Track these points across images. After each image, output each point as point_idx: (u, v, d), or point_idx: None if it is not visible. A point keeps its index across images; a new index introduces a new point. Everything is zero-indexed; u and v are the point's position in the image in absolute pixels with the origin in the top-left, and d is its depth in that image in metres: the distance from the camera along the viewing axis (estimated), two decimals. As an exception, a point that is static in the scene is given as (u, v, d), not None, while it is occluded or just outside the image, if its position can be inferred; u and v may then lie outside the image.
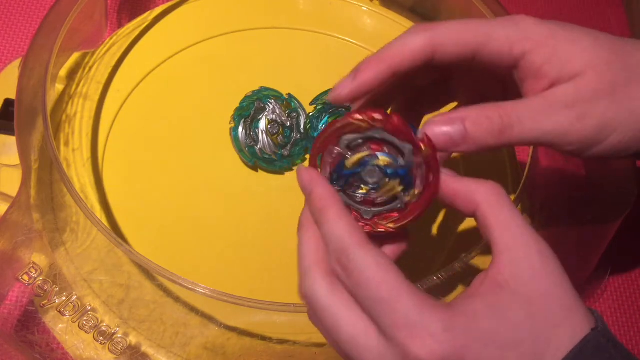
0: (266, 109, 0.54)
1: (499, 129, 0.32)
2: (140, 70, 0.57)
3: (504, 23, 0.34)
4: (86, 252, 0.46)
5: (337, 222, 0.31)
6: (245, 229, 0.52)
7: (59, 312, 0.43)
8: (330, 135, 0.33)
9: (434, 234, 0.53)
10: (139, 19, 0.60)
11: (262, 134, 0.53)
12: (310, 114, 0.55)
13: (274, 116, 0.54)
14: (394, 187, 0.32)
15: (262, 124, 0.53)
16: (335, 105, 0.54)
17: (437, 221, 0.52)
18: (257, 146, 0.53)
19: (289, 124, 0.54)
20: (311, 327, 0.39)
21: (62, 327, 0.44)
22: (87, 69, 0.57)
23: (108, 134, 0.54)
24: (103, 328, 0.44)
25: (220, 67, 0.59)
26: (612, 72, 0.33)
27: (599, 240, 0.52)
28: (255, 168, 0.54)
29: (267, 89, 0.55)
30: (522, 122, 0.32)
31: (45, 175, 0.49)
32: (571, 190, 0.49)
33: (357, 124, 0.32)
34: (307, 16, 0.63)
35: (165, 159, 0.54)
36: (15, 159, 0.48)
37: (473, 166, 0.55)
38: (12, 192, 0.47)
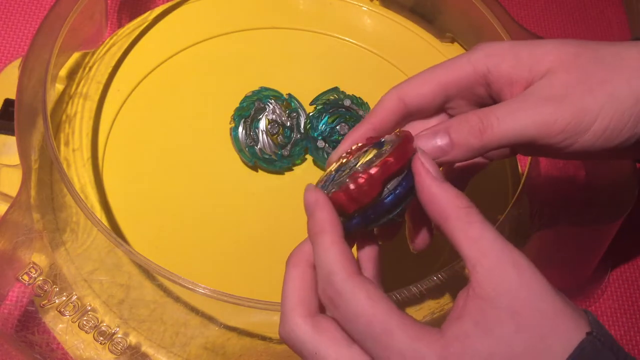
0: (266, 109, 0.54)
1: (479, 129, 0.33)
2: (140, 70, 0.58)
3: (461, 55, 0.36)
4: (86, 252, 0.46)
5: (329, 248, 0.31)
6: (245, 228, 0.52)
7: (59, 312, 0.43)
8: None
9: (433, 234, 0.53)
10: (139, 19, 0.60)
11: (262, 134, 0.53)
12: (310, 114, 0.55)
13: (274, 116, 0.54)
14: (370, 152, 0.33)
15: (262, 124, 0.53)
16: (335, 105, 0.54)
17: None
18: (257, 146, 0.53)
19: (289, 124, 0.54)
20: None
21: (62, 327, 0.44)
22: (87, 69, 0.57)
23: (108, 134, 0.54)
24: (103, 328, 0.44)
25: (220, 67, 0.59)
26: (582, 62, 0.33)
27: (599, 240, 0.52)
28: (255, 168, 0.54)
29: (267, 89, 0.55)
30: (501, 120, 0.33)
31: (45, 175, 0.49)
32: (571, 191, 0.49)
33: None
34: (307, 16, 0.63)
35: (165, 159, 0.54)
36: (15, 159, 0.48)
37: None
38: (12, 192, 0.47)
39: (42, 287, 0.43)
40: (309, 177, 0.55)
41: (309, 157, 0.56)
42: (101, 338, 0.43)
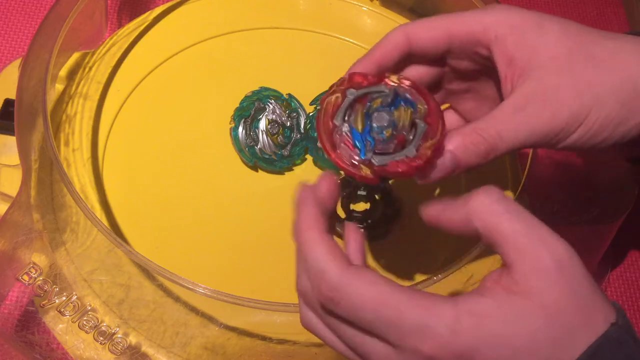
0: (266, 109, 0.54)
1: (485, 150, 0.34)
2: (140, 70, 0.57)
3: (476, 10, 0.37)
4: (86, 252, 0.46)
5: (315, 245, 0.31)
6: (245, 228, 0.52)
7: (59, 312, 0.43)
8: (325, 124, 0.34)
9: (434, 234, 0.53)
10: (139, 19, 0.60)
11: (262, 134, 0.53)
12: (310, 114, 0.55)
13: (274, 116, 0.54)
14: (404, 111, 0.34)
15: (262, 124, 0.53)
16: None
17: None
18: (257, 146, 0.53)
19: (289, 124, 0.54)
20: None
21: (62, 327, 0.44)
22: (87, 69, 0.57)
23: (108, 134, 0.54)
24: (103, 328, 0.44)
25: (220, 67, 0.59)
26: (575, 62, 0.34)
27: (599, 240, 0.52)
28: (255, 168, 0.54)
29: (267, 89, 0.55)
30: (503, 137, 0.34)
31: (45, 175, 0.49)
32: (571, 191, 0.49)
33: (334, 101, 0.35)
34: (307, 16, 0.63)
35: (165, 159, 0.54)
36: (15, 159, 0.48)
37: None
38: (12, 192, 0.47)
39: (42, 287, 0.43)
40: (309, 177, 0.55)
41: (309, 157, 0.56)
42: (101, 338, 0.43)
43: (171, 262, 0.43)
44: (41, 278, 0.44)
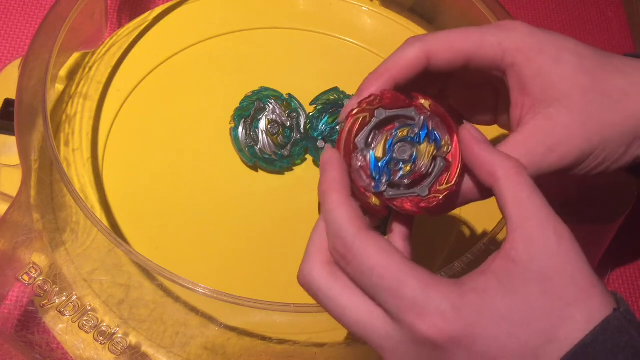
0: (266, 109, 0.54)
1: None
2: (140, 70, 0.58)
3: (496, 29, 0.35)
4: (86, 252, 0.46)
5: (339, 206, 0.31)
6: (245, 228, 0.52)
7: (59, 312, 0.43)
8: (347, 142, 0.33)
9: (434, 234, 0.53)
10: (139, 19, 0.60)
11: (262, 134, 0.53)
12: (310, 114, 0.55)
13: (274, 116, 0.54)
14: (427, 148, 0.33)
15: (262, 124, 0.53)
16: (335, 105, 0.54)
17: (438, 221, 0.52)
18: (257, 146, 0.53)
19: (289, 124, 0.54)
20: (311, 327, 0.39)
21: (62, 327, 0.44)
22: (87, 69, 0.57)
23: (108, 134, 0.54)
24: (103, 328, 0.44)
25: (220, 67, 0.59)
26: (588, 102, 0.34)
27: (599, 240, 0.52)
28: (255, 168, 0.54)
29: (267, 89, 0.55)
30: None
31: (45, 175, 0.49)
32: (571, 190, 0.49)
33: (360, 121, 0.33)
34: (307, 16, 0.63)
35: (165, 159, 0.54)
36: (15, 159, 0.48)
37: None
38: (12, 192, 0.47)
39: (42, 287, 0.43)
40: (309, 177, 0.55)
41: (309, 157, 0.56)
42: (101, 338, 0.43)
43: (171, 262, 0.43)
44: (41, 278, 0.44)
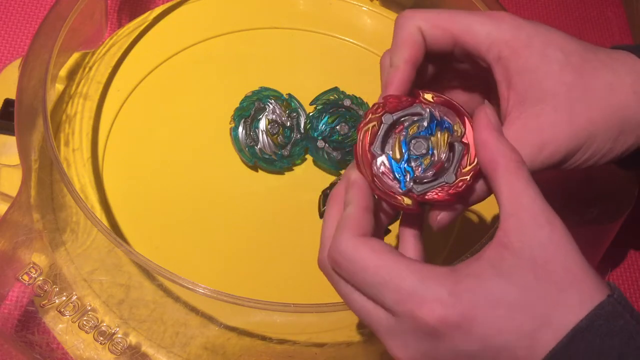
0: (266, 109, 0.54)
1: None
2: (140, 70, 0.58)
3: (485, 19, 0.36)
4: (86, 252, 0.46)
5: (332, 217, 0.33)
6: (245, 228, 0.52)
7: (59, 312, 0.43)
8: (364, 155, 0.34)
9: (434, 234, 0.53)
10: (139, 19, 0.60)
11: (262, 134, 0.53)
12: (310, 114, 0.55)
13: (274, 116, 0.54)
14: (441, 136, 0.34)
15: (262, 124, 0.53)
16: (335, 105, 0.54)
17: (437, 221, 0.52)
18: (257, 146, 0.53)
19: (289, 124, 0.54)
20: (311, 327, 0.39)
21: (62, 327, 0.44)
22: (87, 69, 0.57)
23: (108, 134, 0.54)
24: (103, 328, 0.44)
25: (220, 67, 0.59)
26: (574, 99, 0.34)
27: (599, 240, 0.52)
28: (255, 168, 0.54)
29: (267, 89, 0.55)
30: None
31: (45, 175, 0.49)
32: (571, 190, 0.49)
33: (371, 130, 0.34)
34: (307, 16, 0.63)
35: (165, 158, 0.54)
36: (15, 159, 0.48)
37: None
38: (12, 192, 0.47)
39: (42, 287, 0.43)
40: (309, 177, 0.55)
41: (309, 157, 0.56)
42: (101, 338, 0.43)
43: (171, 262, 0.43)
44: (41, 278, 0.44)
